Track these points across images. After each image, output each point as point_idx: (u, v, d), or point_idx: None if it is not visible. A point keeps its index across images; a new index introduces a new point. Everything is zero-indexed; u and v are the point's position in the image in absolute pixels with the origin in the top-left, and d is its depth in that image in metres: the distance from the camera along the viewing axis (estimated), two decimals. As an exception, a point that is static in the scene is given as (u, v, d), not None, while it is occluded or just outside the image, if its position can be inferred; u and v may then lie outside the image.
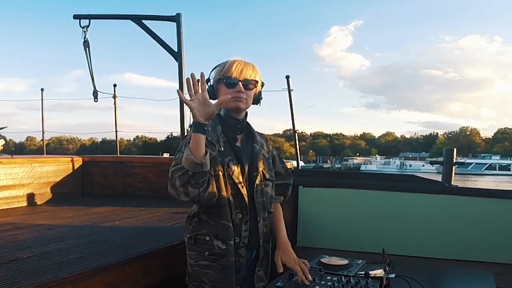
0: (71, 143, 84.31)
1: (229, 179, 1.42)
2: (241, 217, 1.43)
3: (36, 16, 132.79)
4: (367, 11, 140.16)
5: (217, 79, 1.47)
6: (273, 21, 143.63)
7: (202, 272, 1.44)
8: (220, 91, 1.46)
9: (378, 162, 48.29)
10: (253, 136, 1.56)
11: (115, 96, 5.29)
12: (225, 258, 1.41)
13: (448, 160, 2.92)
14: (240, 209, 1.43)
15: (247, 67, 1.46)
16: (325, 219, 2.27)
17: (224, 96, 1.36)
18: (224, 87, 1.45)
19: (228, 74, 1.44)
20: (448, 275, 1.62)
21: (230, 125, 1.49)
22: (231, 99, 1.42)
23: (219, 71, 1.47)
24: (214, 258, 1.42)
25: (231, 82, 1.43)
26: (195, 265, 1.46)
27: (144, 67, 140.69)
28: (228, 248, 1.41)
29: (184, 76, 3.43)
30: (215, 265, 1.42)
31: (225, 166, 1.42)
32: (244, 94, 1.44)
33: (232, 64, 1.45)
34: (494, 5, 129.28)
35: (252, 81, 1.46)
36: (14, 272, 1.49)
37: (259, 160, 1.52)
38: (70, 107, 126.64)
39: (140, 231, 2.29)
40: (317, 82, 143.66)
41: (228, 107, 1.47)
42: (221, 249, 1.41)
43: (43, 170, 3.53)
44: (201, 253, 1.44)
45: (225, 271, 1.41)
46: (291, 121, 4.87)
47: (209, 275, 1.43)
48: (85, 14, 3.48)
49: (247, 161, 1.49)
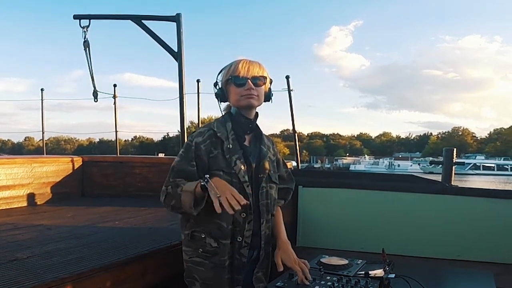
0: (69, 143, 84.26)
1: (234, 178, 1.41)
2: (244, 216, 1.43)
3: (36, 16, 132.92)
4: (367, 11, 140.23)
5: (226, 80, 1.47)
6: (273, 21, 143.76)
7: (195, 268, 1.45)
8: (230, 92, 1.46)
9: (367, 162, 48.70)
10: (261, 137, 1.56)
11: (115, 96, 5.30)
12: (216, 257, 1.42)
13: (448, 160, 2.93)
14: (243, 209, 1.43)
15: (253, 65, 1.46)
16: (325, 219, 2.27)
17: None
18: (233, 87, 1.45)
19: (235, 74, 1.44)
20: (448, 275, 1.62)
21: (241, 123, 1.49)
22: (242, 97, 1.43)
23: (226, 72, 1.48)
24: (206, 255, 1.43)
25: (239, 82, 1.43)
26: (190, 261, 1.47)
27: (144, 67, 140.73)
28: (220, 247, 1.41)
29: (184, 76, 3.43)
30: (207, 263, 1.43)
31: (232, 163, 1.42)
32: (255, 91, 1.44)
33: (238, 64, 1.45)
34: (494, 5, 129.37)
35: (261, 77, 1.46)
36: (14, 272, 1.49)
37: (266, 162, 1.52)
38: (70, 107, 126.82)
39: (140, 231, 2.29)
40: (317, 82, 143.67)
41: (240, 105, 1.46)
42: (212, 247, 1.42)
43: (43, 170, 3.53)
44: (195, 250, 1.45)
45: (216, 269, 1.42)
46: (290, 121, 4.88)
47: (201, 272, 1.44)
48: (85, 14, 3.47)
49: (254, 162, 1.49)
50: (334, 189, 2.29)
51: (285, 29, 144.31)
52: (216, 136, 1.44)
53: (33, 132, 15.74)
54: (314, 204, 2.31)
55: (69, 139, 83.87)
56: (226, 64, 1.51)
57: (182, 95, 3.42)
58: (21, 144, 73.48)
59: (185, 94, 3.46)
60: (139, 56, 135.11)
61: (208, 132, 1.45)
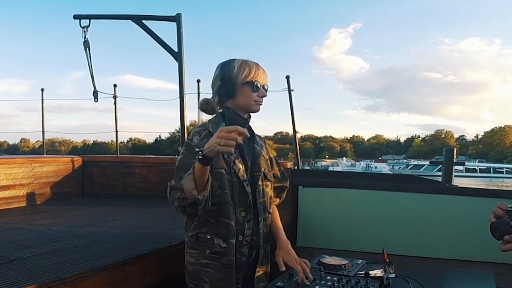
0: (63, 145, 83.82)
1: (234, 177, 1.42)
2: (244, 215, 1.43)
3: (36, 17, 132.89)
4: (366, 14, 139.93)
5: (244, 81, 1.45)
6: (273, 23, 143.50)
7: (203, 270, 1.44)
8: (243, 93, 1.46)
9: (344, 164, 49.18)
10: (254, 137, 1.57)
11: (115, 96, 5.30)
12: (225, 257, 1.41)
13: (448, 160, 2.92)
14: (243, 207, 1.43)
15: (266, 74, 1.52)
16: (325, 219, 2.27)
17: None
18: (249, 90, 1.46)
19: (258, 79, 1.47)
20: (448, 275, 1.62)
21: (236, 123, 1.49)
22: (255, 102, 1.47)
23: (245, 72, 1.46)
24: (214, 256, 1.42)
25: (259, 88, 1.47)
26: (196, 263, 1.46)
27: (144, 69, 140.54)
28: (229, 246, 1.41)
29: (184, 76, 3.44)
30: (215, 264, 1.42)
31: (230, 163, 1.42)
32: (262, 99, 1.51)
33: (259, 70, 1.48)
34: (493, 7, 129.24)
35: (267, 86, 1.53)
36: (14, 272, 1.49)
37: (261, 160, 1.53)
38: (70, 109, 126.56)
39: (140, 231, 2.29)
40: (317, 84, 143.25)
41: (250, 109, 1.50)
42: (222, 247, 1.41)
43: (43, 170, 3.53)
44: (202, 252, 1.44)
45: (226, 270, 1.41)
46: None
47: (210, 274, 1.43)
48: (85, 14, 3.48)
49: (249, 161, 1.50)
50: (334, 189, 2.29)
51: (284, 31, 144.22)
52: (212, 135, 1.44)
53: (32, 133, 15.74)
54: (314, 204, 2.31)
55: (63, 141, 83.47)
56: (230, 59, 1.50)
57: (182, 95, 3.42)
58: (16, 145, 73.16)
59: (185, 94, 3.46)
60: (139, 58, 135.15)
61: (205, 131, 1.46)
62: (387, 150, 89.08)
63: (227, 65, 1.48)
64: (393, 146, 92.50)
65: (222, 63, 1.50)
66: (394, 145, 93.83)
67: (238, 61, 1.48)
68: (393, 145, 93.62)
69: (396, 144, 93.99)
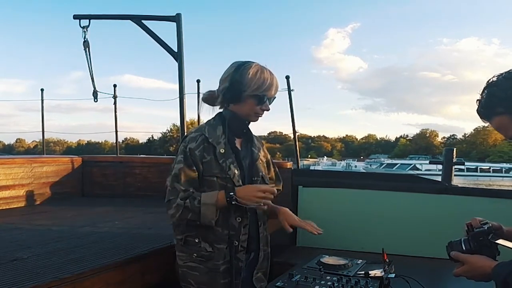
0: (58, 145, 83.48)
1: (229, 182, 1.41)
2: (240, 220, 1.44)
3: (36, 17, 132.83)
4: (364, 13, 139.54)
5: (253, 93, 1.41)
6: (271, 23, 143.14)
7: (190, 273, 1.45)
8: (247, 103, 1.43)
9: (325, 163, 49.55)
10: (252, 140, 1.56)
11: (115, 96, 5.30)
12: (211, 261, 1.42)
13: (448, 160, 2.92)
14: (239, 213, 1.43)
15: (277, 84, 1.48)
16: (325, 219, 2.26)
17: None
18: (254, 103, 1.43)
19: (267, 93, 1.43)
20: (448, 275, 1.61)
21: (235, 127, 1.48)
22: (255, 114, 1.47)
23: (257, 85, 1.41)
24: (201, 260, 1.43)
25: (265, 101, 1.45)
26: (184, 266, 1.47)
27: (144, 69, 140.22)
28: (215, 251, 1.42)
29: (184, 76, 3.44)
30: (202, 267, 1.43)
31: (226, 168, 1.41)
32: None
33: (272, 81, 1.44)
34: (492, 7, 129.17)
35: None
36: (14, 272, 1.49)
37: (259, 164, 1.53)
38: (69, 109, 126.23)
39: (140, 231, 2.29)
40: (316, 84, 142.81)
41: (249, 119, 1.50)
42: (207, 251, 1.42)
43: (43, 170, 3.53)
44: (190, 255, 1.45)
45: (211, 274, 1.42)
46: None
47: (196, 277, 1.44)
48: (85, 14, 3.48)
49: (246, 165, 1.49)
50: (334, 189, 2.29)
51: (283, 31, 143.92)
52: (208, 142, 1.43)
53: (30, 133, 15.82)
54: (314, 204, 2.31)
55: (58, 141, 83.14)
56: (247, 62, 1.44)
57: (182, 95, 3.43)
58: (12, 145, 72.84)
59: (185, 94, 3.46)
60: (139, 58, 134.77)
61: (201, 137, 1.44)
62: (376, 149, 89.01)
63: (241, 69, 1.41)
64: (383, 146, 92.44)
65: (238, 65, 1.43)
66: (383, 144, 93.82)
67: (254, 67, 1.42)
68: (382, 145, 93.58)
69: (386, 144, 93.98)
